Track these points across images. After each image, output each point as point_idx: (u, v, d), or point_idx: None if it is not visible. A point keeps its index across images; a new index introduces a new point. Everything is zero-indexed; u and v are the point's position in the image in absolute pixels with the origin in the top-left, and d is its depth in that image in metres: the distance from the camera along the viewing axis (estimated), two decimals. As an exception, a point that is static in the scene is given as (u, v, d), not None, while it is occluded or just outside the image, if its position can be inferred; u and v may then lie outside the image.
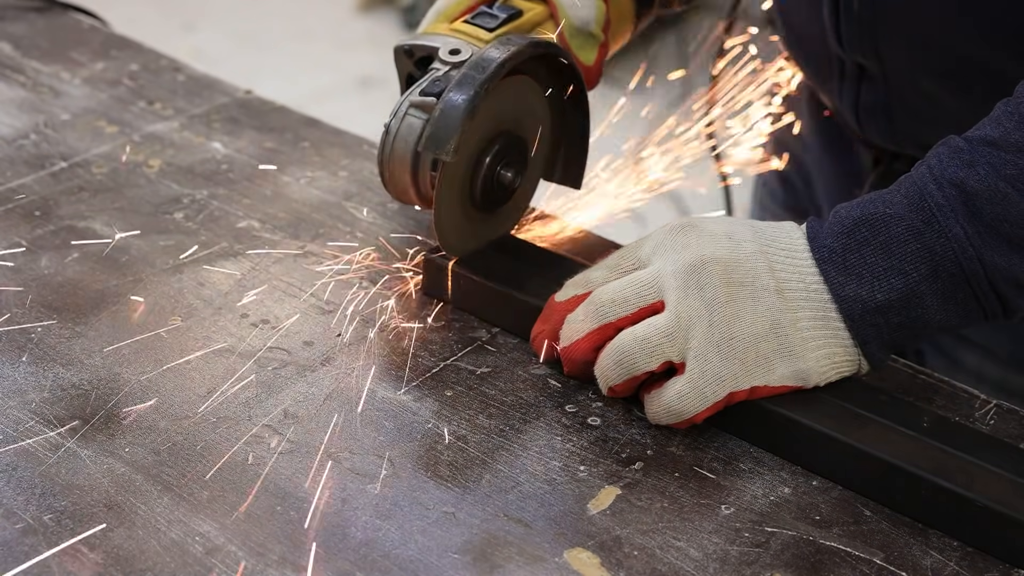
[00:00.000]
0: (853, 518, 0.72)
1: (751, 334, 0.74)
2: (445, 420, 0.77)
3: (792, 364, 0.75)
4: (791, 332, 0.75)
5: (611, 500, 0.72)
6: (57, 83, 1.15)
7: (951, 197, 0.73)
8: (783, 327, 0.74)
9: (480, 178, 0.86)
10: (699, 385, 0.73)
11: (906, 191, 0.75)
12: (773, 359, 0.74)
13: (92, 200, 0.98)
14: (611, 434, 0.77)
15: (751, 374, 0.74)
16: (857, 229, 0.75)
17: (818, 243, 0.76)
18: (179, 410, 0.77)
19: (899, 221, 0.74)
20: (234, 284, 0.89)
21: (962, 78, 0.91)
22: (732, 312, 0.74)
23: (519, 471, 0.74)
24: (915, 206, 0.74)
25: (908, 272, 0.74)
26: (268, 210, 0.98)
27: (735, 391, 0.74)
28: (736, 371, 0.74)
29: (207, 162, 1.04)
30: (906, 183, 0.76)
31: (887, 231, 0.74)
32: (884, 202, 0.75)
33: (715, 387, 0.73)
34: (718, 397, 0.74)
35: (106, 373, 0.80)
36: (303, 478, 0.72)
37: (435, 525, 0.70)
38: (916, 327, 0.75)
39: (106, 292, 0.87)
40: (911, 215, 0.74)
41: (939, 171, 0.74)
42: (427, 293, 0.88)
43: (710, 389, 0.73)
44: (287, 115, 1.13)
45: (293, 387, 0.79)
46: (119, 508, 0.70)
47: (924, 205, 0.74)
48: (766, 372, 0.74)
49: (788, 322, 0.75)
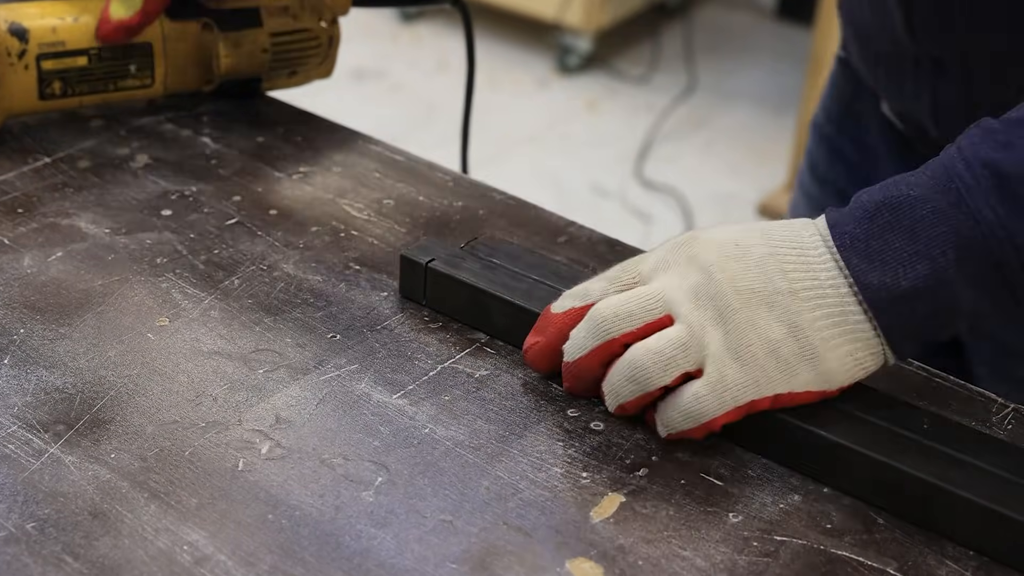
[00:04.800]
0: (865, 526, 0.72)
1: (769, 339, 0.74)
2: (443, 425, 0.77)
3: (815, 367, 0.74)
4: (811, 333, 0.74)
5: (615, 508, 0.72)
6: (40, 75, 1.15)
7: (982, 178, 0.72)
8: (802, 329, 0.74)
9: None
10: (717, 388, 0.73)
11: (932, 172, 0.74)
12: (795, 363, 0.74)
13: (76, 197, 0.98)
14: (615, 439, 0.77)
15: (773, 381, 0.74)
16: (879, 213, 0.74)
17: (839, 230, 0.75)
18: (167, 414, 0.77)
19: (924, 203, 0.73)
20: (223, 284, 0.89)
21: None
22: (747, 318, 0.74)
23: (519, 478, 0.74)
24: (941, 187, 0.73)
25: (935, 257, 0.73)
26: (259, 207, 0.98)
27: (757, 399, 0.74)
28: (757, 377, 0.73)
29: (196, 157, 1.05)
30: (933, 164, 0.75)
31: (912, 214, 0.73)
32: (908, 184, 0.74)
33: (735, 392, 0.73)
34: (738, 403, 0.73)
35: (91, 376, 0.80)
36: (295, 485, 0.72)
37: (432, 534, 0.70)
38: (944, 315, 0.74)
39: (91, 292, 0.87)
40: (937, 196, 0.73)
41: (969, 152, 0.73)
42: (404, 295, 0.88)
43: (730, 394, 0.73)
44: (279, 108, 1.13)
45: (285, 390, 0.80)
46: (104, 516, 0.70)
47: (951, 186, 0.73)
48: (789, 378, 0.74)
49: (806, 323, 0.74)
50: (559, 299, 0.80)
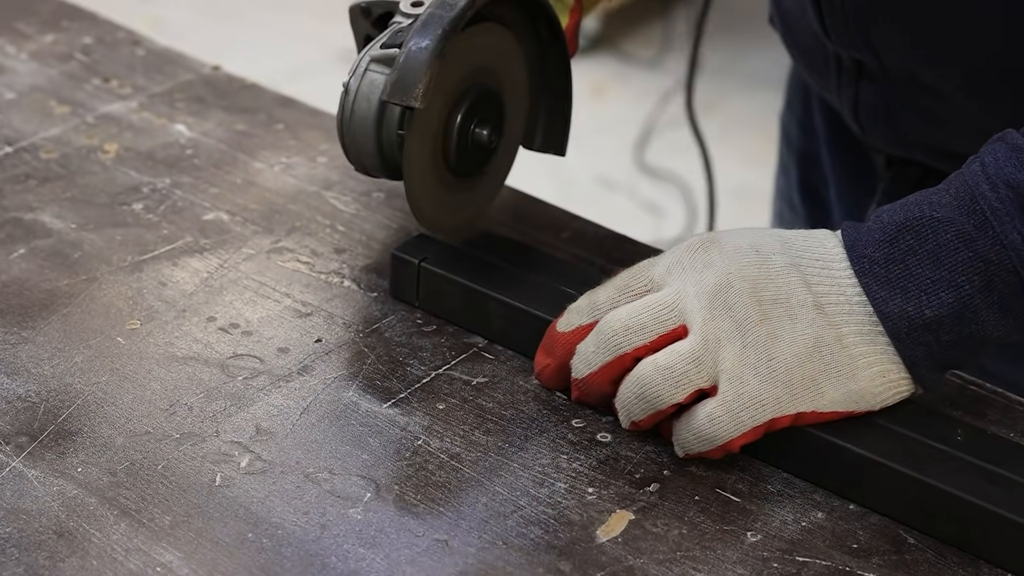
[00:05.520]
0: (895, 546, 0.72)
1: (792, 355, 0.74)
2: (437, 436, 0.77)
3: (843, 385, 0.74)
4: (837, 350, 0.74)
5: (623, 526, 0.72)
6: (0, 58, 1.15)
7: (1007, 200, 0.73)
8: (827, 345, 0.74)
9: (453, 136, 0.86)
10: (733, 408, 0.73)
11: (956, 191, 0.75)
12: (821, 381, 0.74)
13: (40, 190, 0.98)
14: (623, 452, 0.77)
15: (797, 398, 0.74)
16: (901, 236, 0.75)
17: (857, 252, 0.76)
18: (138, 425, 0.77)
19: (948, 226, 0.74)
20: (200, 284, 0.89)
21: (977, 73, 0.90)
22: (768, 332, 0.74)
23: (520, 494, 0.74)
24: (966, 209, 0.74)
25: (960, 284, 0.73)
26: (238, 200, 0.98)
27: (777, 417, 0.73)
28: (779, 395, 0.73)
29: (170, 147, 1.04)
30: (956, 181, 0.75)
31: (935, 238, 0.74)
32: (930, 204, 0.75)
33: (753, 411, 0.73)
34: (757, 422, 0.73)
35: (56, 384, 0.80)
36: (277, 501, 0.72)
37: (425, 554, 0.70)
38: (970, 344, 0.75)
39: (56, 293, 0.87)
40: (961, 219, 0.73)
41: (994, 170, 0.74)
42: (395, 296, 0.88)
43: (747, 413, 0.73)
44: (259, 94, 1.13)
45: (266, 399, 0.79)
46: (71, 535, 0.70)
47: (976, 208, 0.73)
48: (815, 396, 0.74)
49: (832, 339, 0.74)
50: (564, 315, 0.80)
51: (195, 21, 3.51)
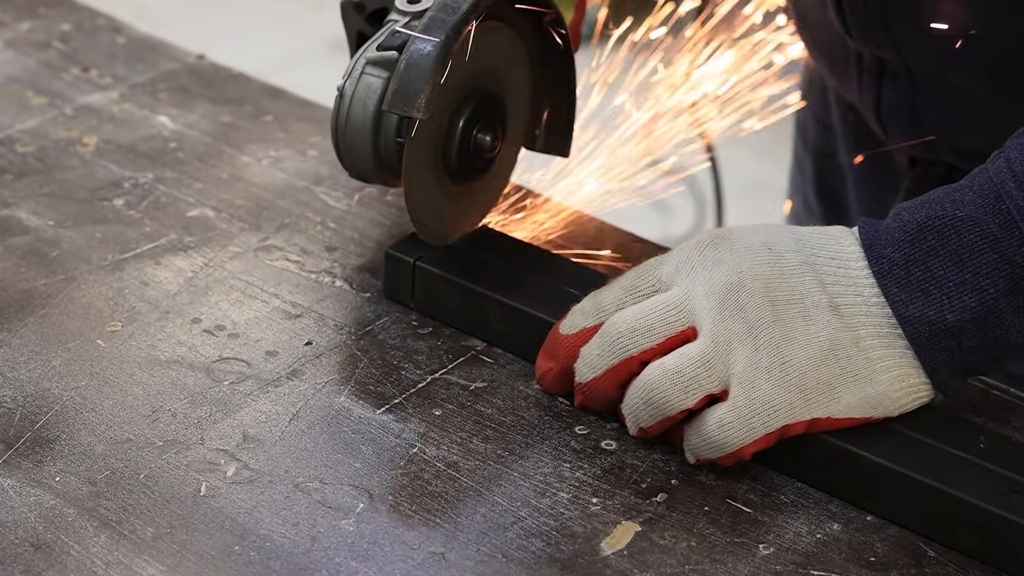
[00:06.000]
0: (914, 559, 0.72)
1: (807, 358, 0.74)
2: (433, 444, 0.77)
3: (860, 390, 0.74)
4: (853, 353, 0.74)
5: (629, 538, 0.72)
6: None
7: None
8: (844, 348, 0.74)
9: (455, 142, 0.86)
10: (744, 414, 0.73)
11: (980, 189, 0.75)
12: (837, 386, 0.74)
13: (16, 184, 0.98)
14: (629, 460, 0.77)
15: (811, 404, 0.74)
16: (922, 236, 0.75)
17: (875, 252, 0.76)
18: (119, 432, 0.77)
19: (972, 226, 0.74)
20: (184, 283, 0.89)
21: (1003, 69, 0.90)
22: (781, 333, 0.74)
23: (520, 504, 0.74)
24: (991, 208, 0.74)
25: (984, 287, 0.73)
26: (224, 196, 0.98)
27: (791, 423, 0.74)
28: (793, 400, 0.73)
29: (152, 139, 1.04)
30: (980, 178, 0.75)
31: (958, 238, 0.74)
32: (953, 202, 0.75)
33: (765, 417, 0.73)
34: (769, 428, 0.73)
35: (33, 389, 0.80)
36: (265, 512, 0.72)
37: (421, 568, 0.70)
38: (994, 350, 0.75)
39: (33, 293, 0.87)
40: (986, 218, 0.73)
41: (1020, 167, 0.74)
42: (389, 296, 0.88)
43: (759, 419, 0.73)
44: (246, 84, 1.13)
45: (253, 405, 0.80)
46: (48, 548, 0.70)
47: (1001, 207, 0.73)
48: (830, 401, 0.74)
49: (849, 342, 0.74)
50: (567, 317, 0.80)
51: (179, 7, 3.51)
